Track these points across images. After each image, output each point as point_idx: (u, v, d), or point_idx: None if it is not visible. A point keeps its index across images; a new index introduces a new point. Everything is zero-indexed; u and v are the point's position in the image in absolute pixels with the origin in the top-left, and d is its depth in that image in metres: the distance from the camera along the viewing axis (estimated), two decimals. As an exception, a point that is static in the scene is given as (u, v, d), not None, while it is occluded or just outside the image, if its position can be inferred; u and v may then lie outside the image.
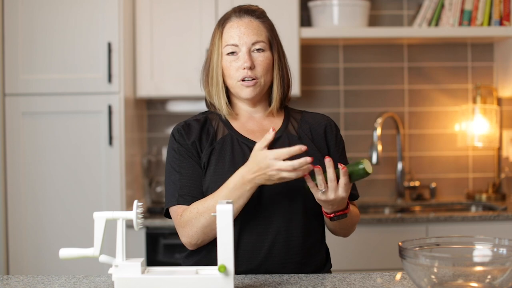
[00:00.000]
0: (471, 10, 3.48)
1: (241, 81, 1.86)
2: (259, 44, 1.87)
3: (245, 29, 1.87)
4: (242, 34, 1.86)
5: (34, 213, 3.11)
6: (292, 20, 3.33)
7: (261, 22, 1.90)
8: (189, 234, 1.81)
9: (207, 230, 1.79)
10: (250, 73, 1.85)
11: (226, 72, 1.88)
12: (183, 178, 1.85)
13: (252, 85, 1.86)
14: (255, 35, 1.87)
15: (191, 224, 1.79)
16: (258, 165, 1.70)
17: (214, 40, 1.91)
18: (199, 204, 1.79)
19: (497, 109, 3.61)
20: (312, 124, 1.95)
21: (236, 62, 1.86)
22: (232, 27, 1.88)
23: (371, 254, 3.09)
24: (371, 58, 3.73)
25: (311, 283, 1.70)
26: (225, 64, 1.87)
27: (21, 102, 3.12)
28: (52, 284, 1.72)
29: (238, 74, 1.86)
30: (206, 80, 1.92)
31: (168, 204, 1.86)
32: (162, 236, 3.09)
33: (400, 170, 3.66)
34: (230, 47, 1.86)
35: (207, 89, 1.93)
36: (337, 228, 1.92)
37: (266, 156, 1.69)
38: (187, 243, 1.85)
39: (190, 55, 3.34)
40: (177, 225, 1.84)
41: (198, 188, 1.84)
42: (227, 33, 1.87)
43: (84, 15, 3.13)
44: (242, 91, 1.87)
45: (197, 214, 1.78)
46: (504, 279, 1.44)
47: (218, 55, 1.88)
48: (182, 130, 1.90)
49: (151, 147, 3.65)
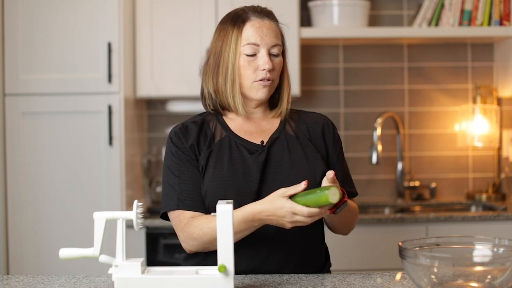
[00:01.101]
0: (471, 10, 3.48)
1: (258, 82, 1.85)
2: (277, 48, 1.87)
3: (267, 30, 1.86)
4: (264, 35, 1.85)
5: (34, 213, 3.11)
6: (292, 20, 3.33)
7: (278, 26, 1.91)
8: (190, 244, 1.82)
9: (208, 246, 1.80)
10: (269, 75, 1.85)
11: (242, 72, 1.85)
12: (182, 182, 1.85)
13: (268, 85, 1.86)
14: (275, 38, 1.87)
15: (193, 239, 1.80)
16: (274, 211, 1.67)
17: (227, 38, 1.86)
18: (204, 223, 1.78)
19: (497, 109, 3.61)
20: (309, 124, 1.95)
21: (254, 62, 1.85)
22: (253, 26, 1.85)
23: (371, 254, 3.09)
24: (371, 58, 3.73)
25: (311, 283, 1.70)
26: (242, 63, 1.85)
27: (21, 102, 3.12)
28: (52, 284, 1.72)
29: (256, 74, 1.84)
30: (215, 76, 1.88)
31: (167, 208, 1.86)
32: (162, 236, 3.09)
33: (400, 170, 3.66)
34: (250, 46, 1.84)
35: (215, 87, 1.89)
36: (338, 224, 1.90)
37: (284, 207, 1.65)
38: (186, 250, 1.86)
39: (190, 55, 3.34)
40: (178, 230, 1.84)
41: (196, 192, 1.84)
42: (248, 32, 1.85)
43: (84, 15, 3.13)
44: (257, 92, 1.86)
45: (200, 232, 1.78)
46: (504, 279, 1.44)
47: (236, 54, 1.85)
48: (179, 132, 1.89)
49: (151, 147, 3.65)
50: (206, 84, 1.91)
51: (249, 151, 1.86)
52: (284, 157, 1.86)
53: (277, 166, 1.85)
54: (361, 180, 3.63)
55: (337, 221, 1.88)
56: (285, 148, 1.88)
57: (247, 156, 1.85)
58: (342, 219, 1.87)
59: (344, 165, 1.95)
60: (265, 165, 1.84)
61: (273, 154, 1.86)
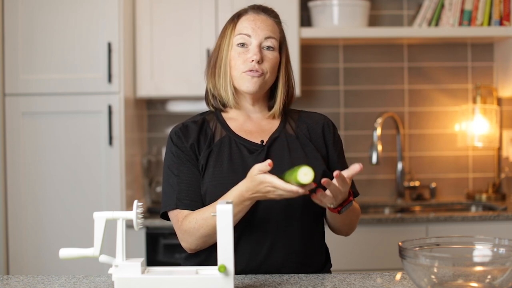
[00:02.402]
0: (471, 10, 3.48)
1: (246, 72, 1.85)
2: (271, 41, 1.87)
3: (260, 23, 1.87)
4: (257, 28, 1.86)
5: (34, 213, 3.11)
6: (292, 20, 3.33)
7: (276, 22, 1.92)
8: (188, 241, 1.82)
9: (206, 239, 1.80)
10: (257, 67, 1.84)
11: (232, 63, 1.87)
12: (181, 182, 1.85)
13: (257, 77, 1.85)
14: (269, 31, 1.88)
15: (191, 234, 1.80)
16: (257, 187, 1.67)
17: (225, 33, 1.90)
18: (198, 215, 1.79)
19: (497, 109, 3.61)
20: (310, 124, 1.95)
21: (245, 54, 1.85)
22: (247, 19, 1.88)
23: (371, 254, 3.09)
24: (371, 58, 3.73)
25: (311, 283, 1.70)
26: (233, 54, 1.87)
27: (21, 102, 3.12)
28: (52, 284, 1.72)
29: (244, 65, 1.85)
30: (213, 71, 1.91)
31: (167, 207, 1.86)
32: (162, 236, 3.09)
33: (400, 170, 3.66)
34: (242, 36, 1.86)
35: (213, 80, 1.91)
36: (340, 224, 1.90)
37: (264, 183, 1.65)
38: (186, 248, 1.86)
39: (190, 55, 3.34)
40: (176, 229, 1.85)
41: (196, 192, 1.84)
42: (241, 24, 1.88)
43: (84, 15, 3.13)
44: (245, 83, 1.86)
45: (195, 224, 1.78)
46: (504, 279, 1.44)
47: (229, 46, 1.88)
48: (180, 132, 1.90)
49: (151, 147, 3.65)
50: (207, 80, 1.94)
51: (249, 151, 1.86)
52: (284, 156, 1.86)
53: (277, 165, 1.84)
54: (361, 180, 3.63)
55: (339, 221, 1.88)
56: (285, 147, 1.88)
57: (247, 156, 1.85)
58: (344, 219, 1.87)
59: (344, 165, 1.95)
60: (264, 164, 1.84)
61: (272, 153, 1.86)
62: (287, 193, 1.63)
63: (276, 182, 1.63)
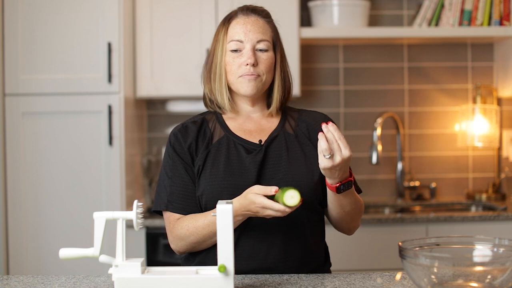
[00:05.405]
0: (471, 10, 3.48)
1: (242, 76, 1.85)
2: (264, 43, 1.87)
3: (251, 26, 1.87)
4: (248, 31, 1.87)
5: (34, 213, 3.11)
6: (292, 20, 3.34)
7: (266, 22, 1.92)
8: (178, 244, 1.85)
9: (195, 245, 1.83)
10: (253, 70, 1.85)
11: (228, 68, 1.88)
12: (174, 185, 1.87)
13: (254, 79, 1.85)
14: (261, 33, 1.88)
15: (181, 238, 1.83)
16: (248, 206, 1.70)
17: (218, 37, 1.91)
18: (190, 222, 1.81)
19: (497, 109, 3.61)
20: (309, 123, 1.95)
21: (240, 58, 1.86)
22: (238, 23, 1.88)
23: (371, 254, 3.09)
24: (371, 58, 3.73)
25: (311, 283, 1.70)
26: (228, 59, 1.87)
27: (21, 102, 3.12)
28: (52, 284, 1.72)
29: (240, 70, 1.86)
30: (208, 76, 1.92)
31: (156, 207, 1.89)
32: (162, 236, 3.09)
33: (400, 170, 3.66)
34: (234, 43, 1.86)
35: (209, 85, 1.93)
36: (341, 213, 1.86)
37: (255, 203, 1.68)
38: (174, 251, 1.89)
39: (190, 55, 3.34)
40: (168, 232, 1.88)
41: (188, 196, 1.85)
42: (233, 29, 1.88)
43: (84, 15, 3.13)
44: (243, 87, 1.86)
45: (187, 231, 1.81)
46: (504, 279, 1.44)
47: (222, 51, 1.88)
48: (178, 133, 1.91)
49: (151, 147, 3.65)
50: (204, 84, 1.95)
51: (247, 151, 1.86)
52: (282, 156, 1.86)
53: (275, 165, 1.85)
54: (361, 180, 3.61)
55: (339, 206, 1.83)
56: (283, 146, 1.88)
57: (244, 156, 1.85)
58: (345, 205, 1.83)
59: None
60: (262, 164, 1.84)
61: (271, 153, 1.87)
62: (275, 212, 1.66)
63: (266, 203, 1.66)
